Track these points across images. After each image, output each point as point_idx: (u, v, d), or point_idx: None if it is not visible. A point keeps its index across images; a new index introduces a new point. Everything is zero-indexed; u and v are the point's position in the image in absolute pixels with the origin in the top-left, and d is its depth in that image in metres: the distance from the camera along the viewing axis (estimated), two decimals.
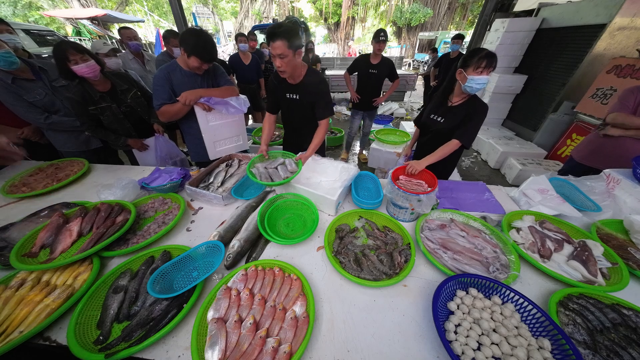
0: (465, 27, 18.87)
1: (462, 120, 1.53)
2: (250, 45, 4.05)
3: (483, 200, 1.44)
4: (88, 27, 11.14)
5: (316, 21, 22.12)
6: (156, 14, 18.66)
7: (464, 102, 1.54)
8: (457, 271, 1.03)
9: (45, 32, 5.57)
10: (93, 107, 1.76)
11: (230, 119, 1.86)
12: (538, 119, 4.15)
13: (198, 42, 1.50)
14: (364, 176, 1.63)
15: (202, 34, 1.53)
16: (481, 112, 1.49)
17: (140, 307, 0.90)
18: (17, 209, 1.41)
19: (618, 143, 1.73)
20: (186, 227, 1.32)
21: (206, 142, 1.83)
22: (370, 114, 3.57)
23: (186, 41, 1.50)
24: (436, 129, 1.67)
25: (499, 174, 3.83)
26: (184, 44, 1.51)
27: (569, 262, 1.05)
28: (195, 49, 1.51)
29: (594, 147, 1.89)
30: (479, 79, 1.36)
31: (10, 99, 1.68)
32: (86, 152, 2.09)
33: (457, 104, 1.57)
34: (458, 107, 1.56)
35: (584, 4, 3.53)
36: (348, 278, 1.00)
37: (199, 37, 1.51)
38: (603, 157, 1.82)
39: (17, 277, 0.96)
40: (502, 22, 4.37)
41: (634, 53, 2.98)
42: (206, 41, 1.52)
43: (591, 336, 0.80)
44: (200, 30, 1.56)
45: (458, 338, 0.78)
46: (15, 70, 1.66)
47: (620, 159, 1.68)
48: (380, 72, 3.12)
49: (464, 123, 1.52)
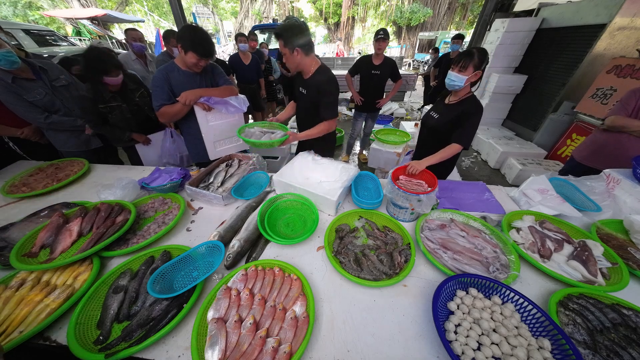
0: (465, 27, 18.87)
1: (456, 118, 1.56)
2: (250, 45, 4.05)
3: (483, 200, 1.44)
4: (88, 27, 11.14)
5: (316, 21, 22.13)
6: (156, 14, 18.66)
7: (459, 101, 1.58)
8: (457, 271, 1.03)
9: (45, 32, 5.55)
10: (103, 105, 1.81)
11: (230, 119, 1.86)
12: (538, 119, 4.14)
13: (194, 38, 1.51)
14: (364, 176, 1.63)
15: (198, 29, 1.54)
16: (475, 112, 1.51)
17: (140, 307, 0.90)
18: (17, 209, 1.41)
19: (619, 144, 1.74)
20: (186, 227, 1.32)
21: (206, 142, 1.83)
22: (372, 116, 3.57)
23: (183, 37, 1.51)
24: (431, 124, 1.73)
25: (499, 174, 3.82)
26: (180, 40, 1.52)
27: (569, 262, 1.05)
28: (192, 44, 1.51)
29: (595, 148, 1.90)
30: (451, 75, 1.49)
31: (10, 99, 1.68)
32: (86, 152, 2.08)
33: (452, 102, 1.61)
34: (453, 105, 1.60)
35: (584, 4, 3.53)
36: (348, 278, 1.00)
37: (195, 32, 1.51)
38: (604, 158, 1.82)
39: (17, 277, 0.96)
40: (502, 22, 4.37)
41: (634, 53, 2.97)
42: (202, 36, 1.52)
43: (591, 336, 0.80)
44: (196, 26, 1.56)
45: (458, 338, 0.78)
46: (16, 70, 1.66)
47: (621, 159, 1.68)
48: (383, 72, 3.10)
49: (460, 124, 1.54)
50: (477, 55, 1.41)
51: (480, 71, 1.44)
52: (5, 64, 1.58)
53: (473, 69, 1.43)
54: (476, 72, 1.44)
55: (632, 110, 1.69)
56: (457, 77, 1.47)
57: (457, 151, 1.54)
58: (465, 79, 1.45)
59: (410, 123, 4.65)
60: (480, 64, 1.43)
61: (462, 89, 1.53)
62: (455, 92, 1.58)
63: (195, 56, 1.53)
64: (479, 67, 1.43)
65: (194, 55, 1.53)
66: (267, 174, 1.68)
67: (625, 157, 1.62)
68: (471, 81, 1.48)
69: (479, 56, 1.42)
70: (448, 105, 1.63)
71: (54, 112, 1.87)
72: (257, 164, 1.77)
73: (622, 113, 1.72)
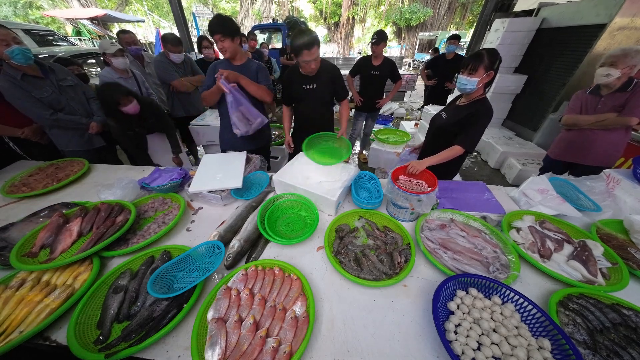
0: (465, 27, 18.86)
1: (464, 119, 1.55)
2: (250, 45, 4.05)
3: (483, 200, 1.44)
4: (88, 27, 11.15)
5: (316, 21, 22.12)
6: (156, 14, 18.66)
7: (469, 103, 1.57)
8: (457, 271, 1.02)
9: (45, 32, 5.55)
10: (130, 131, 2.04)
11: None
12: (538, 119, 4.14)
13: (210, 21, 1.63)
14: (364, 176, 1.63)
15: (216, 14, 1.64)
16: (484, 116, 1.49)
17: (140, 307, 0.90)
18: (17, 209, 1.41)
19: (585, 137, 2.02)
20: (186, 227, 1.32)
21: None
22: (372, 115, 3.58)
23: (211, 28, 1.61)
24: (438, 124, 1.73)
25: (499, 174, 3.82)
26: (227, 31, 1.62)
27: (569, 262, 1.05)
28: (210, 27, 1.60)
29: (565, 144, 2.17)
30: (461, 79, 1.49)
31: (17, 94, 1.71)
32: (89, 151, 2.11)
33: (463, 104, 1.61)
34: (463, 106, 1.60)
35: (584, 4, 3.52)
36: (348, 278, 1.00)
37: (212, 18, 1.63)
38: (575, 151, 2.10)
39: (17, 277, 0.96)
40: (502, 22, 4.36)
41: None
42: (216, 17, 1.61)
43: (591, 336, 0.80)
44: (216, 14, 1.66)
45: (458, 338, 0.78)
46: (25, 67, 1.70)
47: (590, 150, 2.01)
48: (382, 73, 3.12)
49: (467, 127, 1.52)
50: (487, 57, 1.38)
51: (493, 72, 1.42)
52: (20, 59, 1.62)
53: (484, 71, 1.41)
54: (488, 73, 1.42)
55: (579, 110, 2.03)
56: (467, 81, 1.45)
57: (459, 153, 1.53)
58: (476, 82, 1.43)
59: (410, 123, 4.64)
60: (492, 65, 1.40)
61: (475, 91, 1.51)
62: (467, 94, 1.56)
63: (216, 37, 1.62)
64: (491, 67, 1.40)
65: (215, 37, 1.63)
66: (267, 174, 1.68)
67: (593, 148, 1.99)
68: (484, 82, 1.46)
69: (489, 57, 1.39)
70: (458, 107, 1.62)
71: (59, 110, 1.89)
72: (257, 164, 1.77)
73: (571, 113, 2.06)
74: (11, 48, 1.57)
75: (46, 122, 1.87)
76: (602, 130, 1.94)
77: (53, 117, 1.84)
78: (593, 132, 1.98)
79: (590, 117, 1.96)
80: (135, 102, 1.92)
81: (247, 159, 1.77)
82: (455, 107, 1.66)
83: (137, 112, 1.95)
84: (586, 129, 2.00)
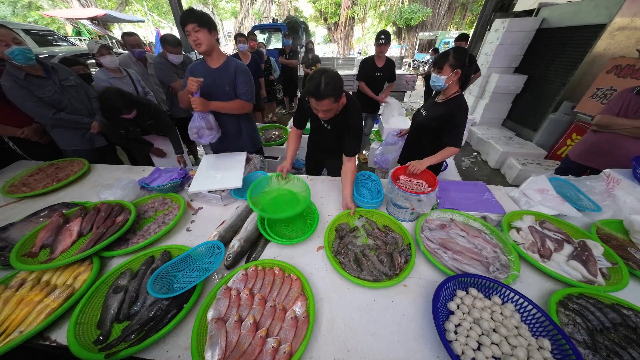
0: (465, 27, 18.84)
1: (441, 116, 1.60)
2: (250, 45, 4.04)
3: (483, 200, 1.44)
4: (88, 27, 11.13)
5: (316, 21, 22.11)
6: (156, 14, 18.64)
7: (446, 100, 1.60)
8: (457, 271, 1.03)
9: (45, 32, 5.55)
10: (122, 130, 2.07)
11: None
12: (538, 119, 4.14)
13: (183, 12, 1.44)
14: (364, 176, 1.63)
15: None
16: (460, 114, 1.54)
17: (140, 307, 0.90)
18: (17, 209, 1.41)
19: (612, 142, 1.79)
20: (186, 227, 1.32)
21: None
22: (372, 116, 3.61)
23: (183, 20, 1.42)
24: (419, 120, 1.79)
25: (499, 174, 3.82)
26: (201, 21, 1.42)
27: (569, 262, 1.05)
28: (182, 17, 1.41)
29: (588, 146, 1.95)
30: (432, 77, 1.55)
31: (20, 93, 1.71)
32: (91, 151, 2.11)
33: (440, 101, 1.66)
34: (440, 103, 1.65)
35: (584, 4, 3.52)
36: (348, 278, 1.00)
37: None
38: (598, 156, 1.88)
39: (17, 277, 0.96)
40: (502, 22, 4.37)
41: (634, 53, 2.97)
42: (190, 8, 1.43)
43: (591, 336, 0.80)
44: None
45: (458, 338, 0.78)
46: (28, 67, 1.71)
47: (614, 157, 1.75)
48: (384, 74, 3.14)
49: (447, 124, 1.57)
50: (452, 56, 1.44)
51: (459, 70, 1.45)
52: (21, 59, 1.62)
53: (451, 69, 1.45)
54: (456, 71, 1.45)
55: (618, 110, 1.75)
56: (436, 78, 1.52)
57: (454, 153, 1.59)
58: (444, 79, 1.48)
59: None
60: (457, 63, 1.44)
61: (449, 88, 1.55)
62: (444, 91, 1.61)
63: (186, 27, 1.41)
64: (457, 66, 1.44)
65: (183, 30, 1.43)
66: (267, 174, 1.67)
67: (618, 155, 1.73)
68: (452, 80, 1.49)
69: (455, 56, 1.44)
70: (436, 104, 1.68)
71: (61, 110, 1.90)
72: (257, 164, 1.77)
73: (608, 113, 1.79)
74: (11, 48, 1.57)
75: (48, 121, 1.87)
76: (636, 138, 1.68)
77: (55, 116, 1.84)
78: (625, 139, 1.72)
79: (627, 121, 1.68)
80: (135, 112, 1.92)
81: (247, 159, 1.77)
82: (434, 103, 1.71)
83: (133, 117, 1.95)
84: (618, 133, 1.74)
